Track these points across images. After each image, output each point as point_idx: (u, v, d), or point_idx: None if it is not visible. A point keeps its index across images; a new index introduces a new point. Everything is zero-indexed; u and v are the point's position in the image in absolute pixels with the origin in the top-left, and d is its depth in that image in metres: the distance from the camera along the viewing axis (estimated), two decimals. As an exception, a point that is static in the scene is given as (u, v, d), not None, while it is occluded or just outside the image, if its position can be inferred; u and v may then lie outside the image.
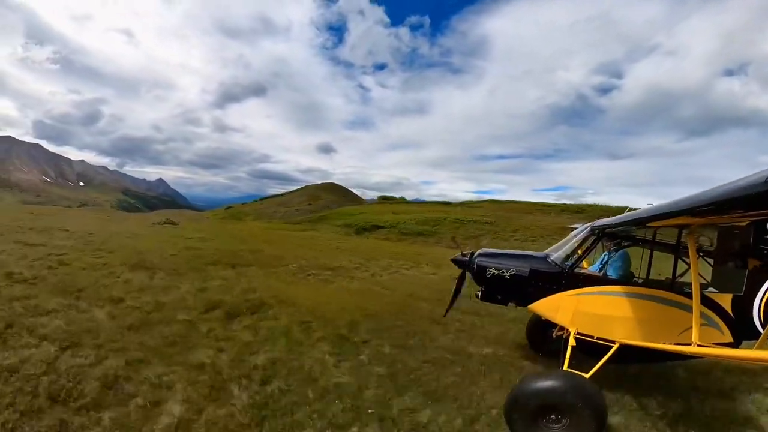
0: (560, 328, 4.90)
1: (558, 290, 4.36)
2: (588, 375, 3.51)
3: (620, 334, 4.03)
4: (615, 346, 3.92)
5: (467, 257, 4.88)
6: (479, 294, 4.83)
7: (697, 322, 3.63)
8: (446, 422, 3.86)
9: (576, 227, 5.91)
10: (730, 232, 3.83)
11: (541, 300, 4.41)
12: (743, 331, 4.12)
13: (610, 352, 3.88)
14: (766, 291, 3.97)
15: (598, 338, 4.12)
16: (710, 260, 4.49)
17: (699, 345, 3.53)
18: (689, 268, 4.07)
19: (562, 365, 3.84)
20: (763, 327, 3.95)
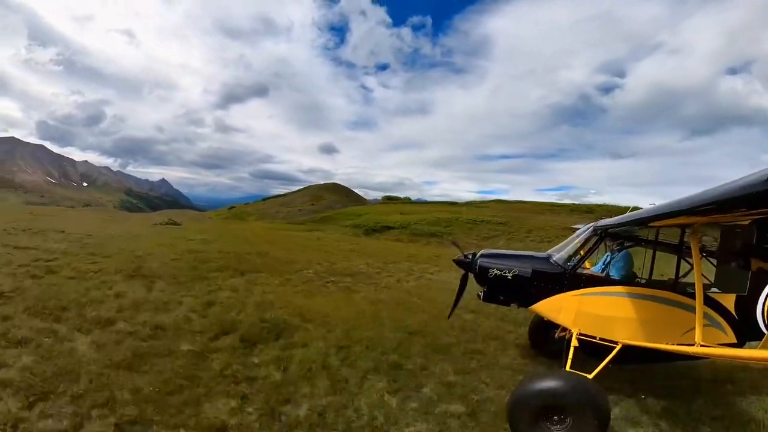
0: (563, 329, 4.85)
1: (560, 291, 4.33)
2: (591, 375, 3.48)
3: (623, 335, 3.99)
4: (618, 347, 3.88)
5: (469, 258, 4.81)
6: (481, 295, 4.78)
7: (701, 323, 3.59)
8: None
9: (578, 227, 5.92)
10: (733, 232, 3.78)
11: (544, 301, 4.38)
12: (747, 332, 4.09)
13: (613, 353, 3.84)
14: None
15: (601, 339, 4.09)
16: (713, 260, 4.44)
17: (702, 345, 3.47)
18: (692, 269, 4.04)
19: (565, 366, 3.78)
20: (767, 327, 3.96)
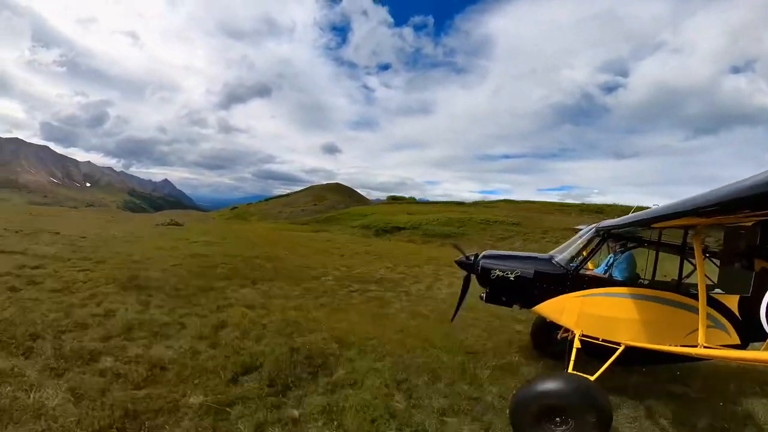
0: (565, 330, 4.83)
1: (563, 292, 4.30)
2: (593, 377, 3.42)
3: (626, 336, 3.95)
4: (620, 348, 3.84)
5: (471, 259, 4.79)
6: (483, 296, 4.76)
7: (704, 324, 3.50)
8: None
9: (581, 228, 6.07)
10: (737, 233, 3.78)
11: (546, 302, 4.35)
12: (750, 333, 4.03)
13: (616, 354, 3.79)
14: None
15: (604, 340, 4.04)
16: (717, 261, 4.43)
17: (705, 347, 3.39)
18: (695, 270, 3.95)
19: (567, 367, 3.71)
20: None
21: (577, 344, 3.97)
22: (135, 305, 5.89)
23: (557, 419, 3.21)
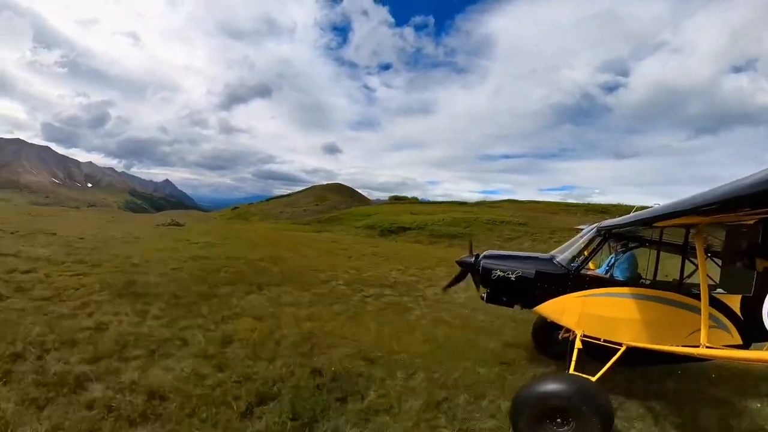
0: (566, 330, 4.75)
1: (564, 292, 4.28)
2: (595, 378, 3.40)
3: (627, 337, 3.91)
4: (622, 349, 3.80)
5: (473, 259, 4.81)
6: (485, 296, 4.75)
7: (706, 324, 3.45)
8: None
9: (582, 228, 6.09)
10: (738, 232, 3.76)
11: (547, 302, 4.33)
12: (752, 333, 3.98)
13: (617, 355, 3.75)
14: None
15: (605, 340, 3.99)
16: (718, 261, 4.42)
17: (707, 347, 3.35)
18: (697, 269, 3.89)
19: (569, 368, 3.68)
20: None
21: (579, 344, 3.96)
22: (130, 316, 5.30)
23: (558, 420, 3.18)
